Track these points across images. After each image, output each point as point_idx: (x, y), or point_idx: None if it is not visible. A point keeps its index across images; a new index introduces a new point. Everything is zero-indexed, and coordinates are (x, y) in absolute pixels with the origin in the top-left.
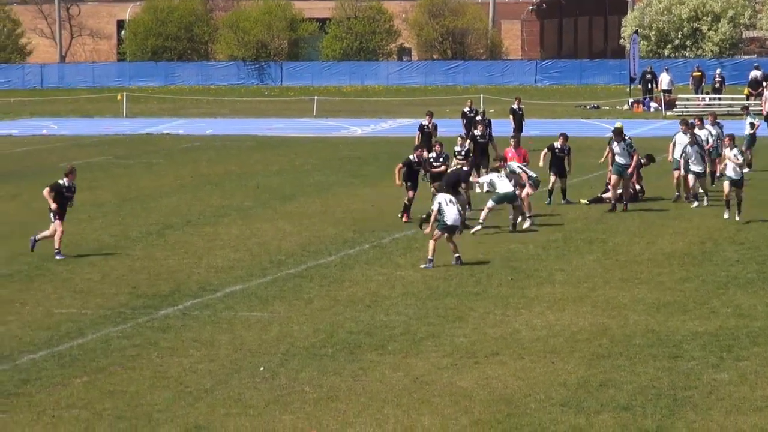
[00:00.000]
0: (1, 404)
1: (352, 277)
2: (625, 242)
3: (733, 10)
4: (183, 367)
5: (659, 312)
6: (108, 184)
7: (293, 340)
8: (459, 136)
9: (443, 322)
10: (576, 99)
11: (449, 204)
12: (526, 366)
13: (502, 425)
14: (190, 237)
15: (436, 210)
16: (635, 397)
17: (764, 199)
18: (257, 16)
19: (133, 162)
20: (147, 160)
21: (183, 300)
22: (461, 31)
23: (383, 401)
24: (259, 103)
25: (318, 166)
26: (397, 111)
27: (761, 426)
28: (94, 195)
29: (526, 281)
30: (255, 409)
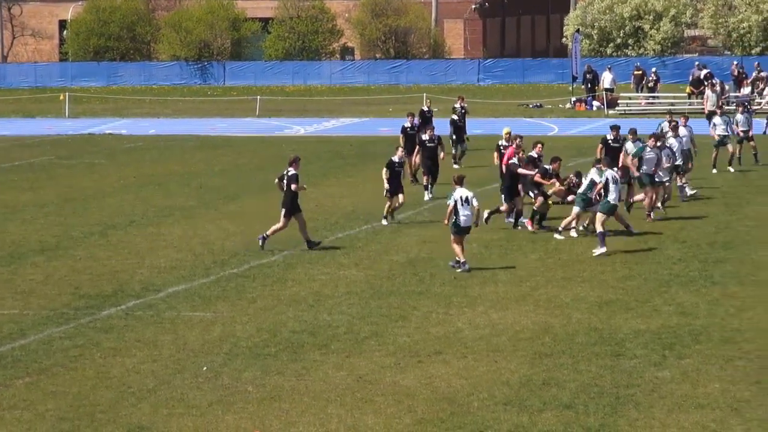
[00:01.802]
0: None
1: (295, 277)
2: (567, 241)
3: (675, 9)
4: (126, 368)
5: (601, 310)
6: (50, 185)
7: (236, 340)
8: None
9: (386, 321)
10: (519, 98)
11: (464, 205)
12: (469, 365)
13: (446, 424)
14: (133, 237)
15: (452, 207)
16: (578, 396)
17: (708, 196)
18: (200, 15)
19: (76, 162)
20: (89, 160)
21: (126, 300)
22: (404, 30)
23: (326, 401)
24: (201, 102)
25: (261, 165)
26: (340, 110)
27: (703, 423)
28: (37, 195)
29: (469, 280)
30: (198, 409)
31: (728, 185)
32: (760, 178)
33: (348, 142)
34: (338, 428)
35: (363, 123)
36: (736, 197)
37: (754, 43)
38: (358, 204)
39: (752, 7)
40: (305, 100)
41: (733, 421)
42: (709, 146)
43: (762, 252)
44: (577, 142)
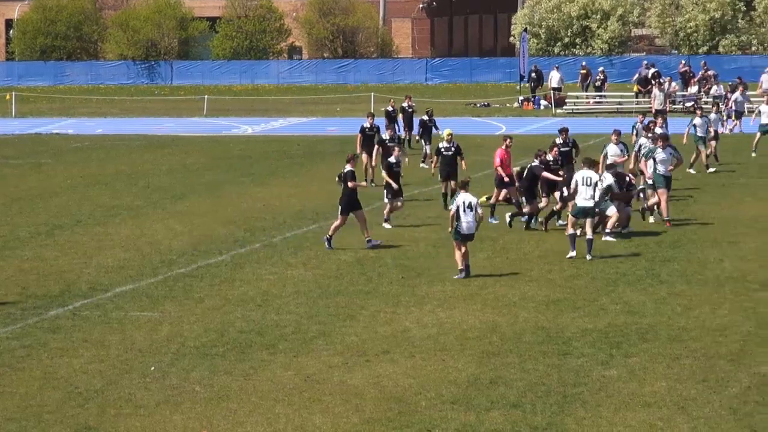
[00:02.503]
0: None
1: (242, 277)
2: (515, 240)
3: (622, 8)
4: (73, 368)
5: (549, 309)
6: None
7: (184, 340)
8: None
9: (334, 320)
10: (466, 97)
11: (466, 211)
12: (417, 364)
13: (393, 423)
14: (80, 237)
15: (453, 212)
16: (525, 394)
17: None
18: (147, 15)
19: (22, 162)
20: (36, 160)
21: (73, 300)
22: (352, 29)
23: (274, 400)
24: (149, 102)
25: (209, 165)
26: (288, 110)
27: (650, 422)
28: None
29: (416, 279)
30: (146, 410)
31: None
32: (707, 177)
33: (296, 141)
34: (286, 428)
35: (311, 122)
36: (682, 196)
37: (701, 42)
38: (305, 203)
39: (699, 6)
40: (253, 99)
41: (679, 420)
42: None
43: (709, 251)
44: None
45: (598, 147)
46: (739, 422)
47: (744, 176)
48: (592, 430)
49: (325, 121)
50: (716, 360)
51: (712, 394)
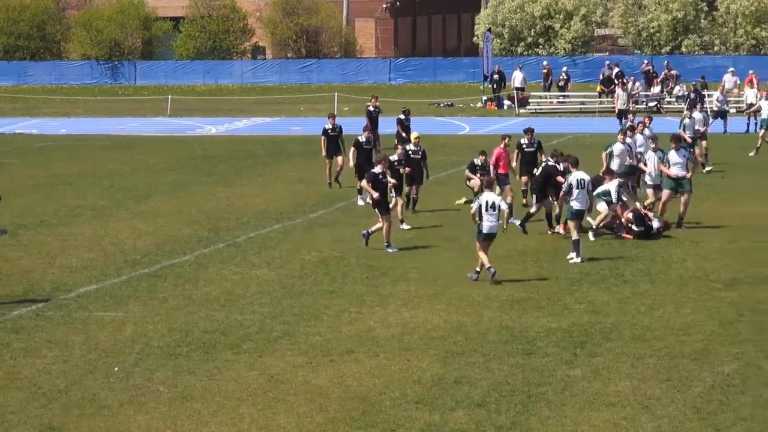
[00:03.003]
0: None
1: (206, 277)
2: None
3: (585, 8)
4: (36, 368)
5: (513, 309)
6: None
7: (148, 340)
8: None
9: (298, 320)
10: (430, 97)
11: (489, 210)
12: (381, 364)
13: (357, 423)
14: (44, 237)
15: (475, 210)
16: (490, 394)
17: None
18: (110, 14)
19: None
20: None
21: (37, 300)
22: (315, 29)
23: (238, 400)
24: (112, 102)
25: (172, 165)
26: (252, 110)
27: (614, 421)
28: None
29: (381, 279)
30: (110, 410)
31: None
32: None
33: (259, 141)
34: (250, 428)
35: (274, 122)
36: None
37: (664, 42)
38: (269, 203)
39: (662, 6)
40: (216, 99)
41: (644, 419)
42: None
43: (672, 250)
44: (488, 141)
45: (561, 147)
46: (703, 421)
47: (710, 176)
48: (557, 430)
49: (289, 121)
50: (680, 359)
51: (675, 393)
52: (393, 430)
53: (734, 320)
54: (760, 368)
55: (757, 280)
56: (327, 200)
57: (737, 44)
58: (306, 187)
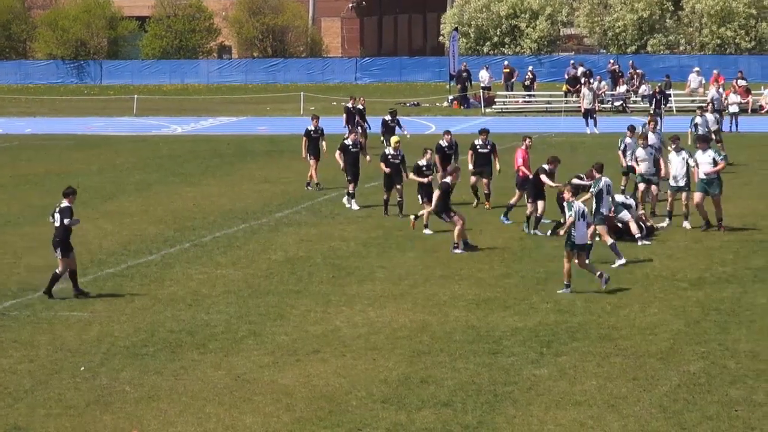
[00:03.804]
0: None
1: (172, 276)
2: (444, 239)
3: (551, 7)
4: (2, 368)
5: (479, 308)
6: None
7: (114, 340)
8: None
9: (264, 320)
10: (396, 96)
11: (580, 219)
12: (348, 363)
13: (324, 422)
14: (10, 237)
15: (571, 221)
16: (456, 393)
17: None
18: (76, 14)
19: None
20: None
21: (2, 300)
22: (281, 28)
23: (205, 400)
24: (78, 101)
25: (138, 164)
26: (218, 109)
27: (580, 420)
28: None
29: (347, 278)
30: (76, 410)
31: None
32: None
33: (225, 141)
34: (216, 428)
35: (241, 122)
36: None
37: (629, 41)
38: (235, 203)
39: (627, 6)
40: (183, 99)
41: (610, 418)
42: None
43: (638, 250)
44: (459, 140)
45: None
46: (669, 420)
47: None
48: (523, 429)
49: (255, 120)
50: (646, 358)
51: (642, 392)
52: (359, 430)
53: (700, 319)
54: (726, 367)
55: (721, 280)
56: (293, 200)
57: (702, 44)
58: (272, 186)
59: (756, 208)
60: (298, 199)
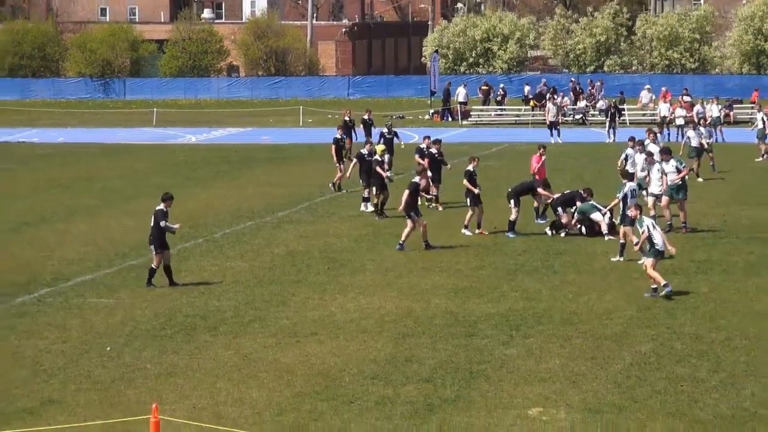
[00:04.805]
0: None
1: (187, 268)
2: (428, 235)
3: (520, 32)
4: (38, 349)
5: (457, 296)
6: None
7: (136, 323)
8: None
9: (268, 306)
10: (384, 110)
11: (655, 228)
12: (341, 344)
13: (321, 396)
14: (44, 233)
15: (647, 234)
16: (436, 371)
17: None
18: (103, 37)
19: None
20: (5, 165)
21: (38, 288)
22: (283, 50)
23: (216, 376)
24: (104, 114)
25: (157, 169)
26: (227, 121)
27: (545, 395)
28: None
29: (340, 270)
30: (103, 384)
31: (566, 186)
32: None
33: (233, 149)
34: (226, 400)
35: (247, 132)
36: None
37: (589, 62)
38: (242, 203)
39: (587, 31)
40: (196, 112)
41: (571, 392)
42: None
43: (596, 245)
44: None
45: (499, 153)
46: (623, 394)
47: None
48: (495, 402)
49: (259, 131)
50: (603, 340)
51: (599, 370)
52: (351, 402)
53: (650, 306)
54: (673, 348)
55: (669, 271)
56: (293, 201)
57: (653, 64)
58: (274, 189)
59: (699, 209)
60: (298, 200)
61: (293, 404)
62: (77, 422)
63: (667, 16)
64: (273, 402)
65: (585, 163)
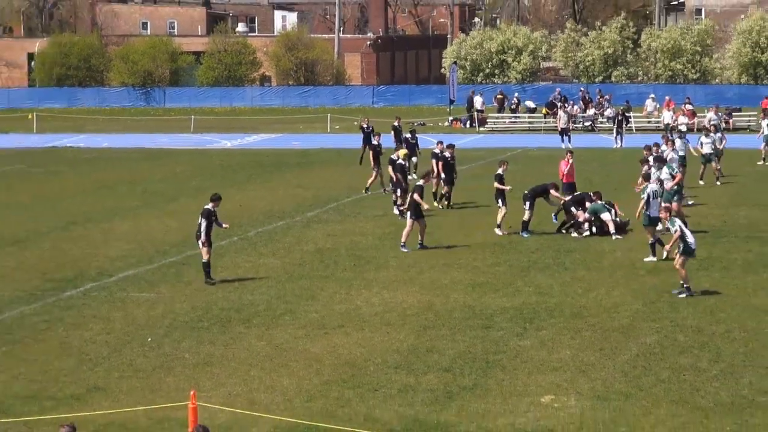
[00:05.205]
0: None
1: (223, 264)
2: (447, 234)
3: (533, 44)
4: (84, 339)
5: (474, 291)
6: (22, 189)
7: (175, 316)
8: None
9: (298, 300)
10: (406, 117)
11: (687, 228)
12: (366, 336)
13: (347, 384)
14: (90, 232)
15: (679, 234)
16: (455, 361)
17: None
18: (144, 49)
19: (42, 170)
20: (54, 168)
21: (84, 283)
22: (312, 61)
23: (250, 365)
24: (146, 121)
25: (195, 173)
26: (260, 127)
27: (557, 383)
28: (10, 197)
29: (366, 266)
30: (144, 372)
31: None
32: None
33: (266, 153)
34: (259, 387)
35: (278, 138)
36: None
37: (597, 73)
38: (274, 204)
39: (595, 44)
40: (231, 119)
41: (581, 381)
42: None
43: (604, 243)
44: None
45: (513, 158)
46: (630, 383)
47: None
48: (510, 390)
49: (290, 137)
50: (610, 332)
51: (607, 360)
52: (376, 390)
53: (655, 300)
54: (676, 340)
55: (672, 268)
56: (321, 202)
57: (657, 75)
58: (304, 191)
59: (700, 210)
60: (326, 201)
61: (322, 391)
62: (121, 408)
63: (671, 30)
64: (303, 389)
65: (594, 168)
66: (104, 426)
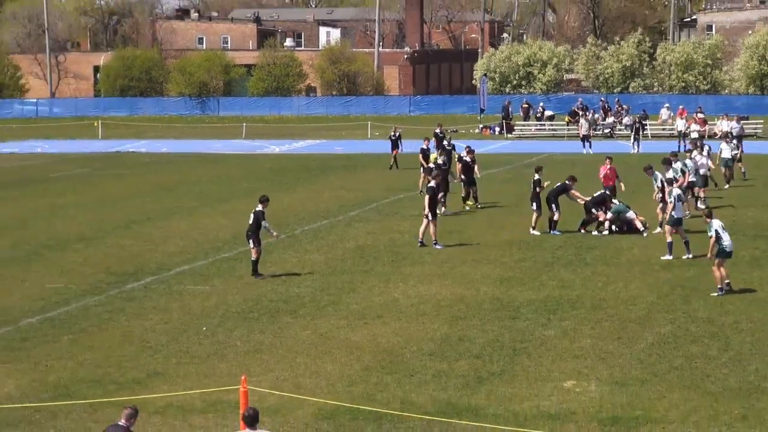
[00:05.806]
0: (7, 357)
1: (272, 259)
2: (477, 233)
3: (557, 58)
4: (145, 328)
5: (502, 284)
6: (87, 190)
7: (228, 307)
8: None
9: (340, 293)
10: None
11: (724, 230)
12: (403, 325)
13: (385, 370)
14: (150, 229)
15: (715, 237)
16: (485, 348)
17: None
18: (200, 62)
19: (106, 173)
20: (117, 171)
21: (144, 277)
22: (354, 73)
23: (296, 353)
24: (201, 128)
25: (246, 176)
26: (306, 134)
27: (578, 369)
28: (77, 198)
29: (402, 262)
30: (199, 359)
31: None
32: None
33: (311, 158)
34: (304, 373)
35: (322, 144)
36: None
37: (616, 84)
38: (319, 205)
39: (614, 57)
40: (280, 126)
41: (600, 367)
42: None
43: (622, 241)
44: (484, 158)
45: (539, 162)
46: (645, 369)
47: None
48: (535, 375)
49: (333, 142)
50: (628, 323)
51: (625, 348)
52: (412, 375)
53: (669, 293)
54: (688, 330)
55: (685, 264)
56: (362, 202)
57: (671, 86)
58: (346, 192)
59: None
60: (367, 201)
61: (362, 377)
62: (178, 391)
63: (684, 45)
64: (345, 375)
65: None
66: (163, 408)
